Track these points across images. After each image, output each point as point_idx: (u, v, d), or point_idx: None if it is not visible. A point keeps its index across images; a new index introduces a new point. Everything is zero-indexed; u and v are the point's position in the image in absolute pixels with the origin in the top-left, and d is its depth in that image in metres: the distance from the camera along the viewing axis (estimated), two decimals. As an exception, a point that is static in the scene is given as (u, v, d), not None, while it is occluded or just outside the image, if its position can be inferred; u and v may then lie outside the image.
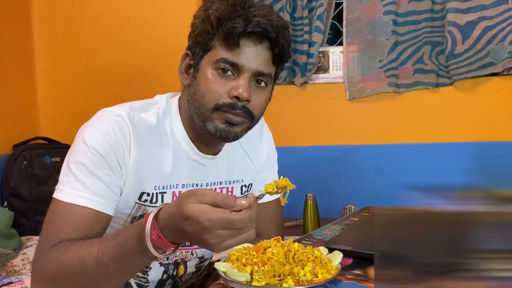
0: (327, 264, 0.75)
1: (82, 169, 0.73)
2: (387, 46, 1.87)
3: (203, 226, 0.58)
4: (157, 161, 0.80)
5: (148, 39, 2.05)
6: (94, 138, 0.75)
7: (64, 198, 0.73)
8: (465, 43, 1.77)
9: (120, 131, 0.76)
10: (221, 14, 0.75)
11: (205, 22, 0.77)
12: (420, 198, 0.77)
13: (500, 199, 0.73)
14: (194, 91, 0.79)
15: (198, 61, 0.79)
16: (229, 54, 0.76)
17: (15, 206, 1.81)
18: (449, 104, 1.87)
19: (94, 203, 0.73)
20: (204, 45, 0.78)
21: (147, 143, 0.79)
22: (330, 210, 1.86)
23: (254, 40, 0.76)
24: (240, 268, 0.73)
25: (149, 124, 0.81)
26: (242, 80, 0.76)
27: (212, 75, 0.77)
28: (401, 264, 0.67)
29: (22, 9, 2.09)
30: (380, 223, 0.78)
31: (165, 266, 0.88)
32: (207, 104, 0.77)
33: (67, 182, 0.74)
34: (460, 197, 0.76)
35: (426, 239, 0.71)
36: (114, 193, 0.76)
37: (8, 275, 1.36)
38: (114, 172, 0.75)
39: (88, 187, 0.73)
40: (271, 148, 1.02)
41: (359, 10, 1.90)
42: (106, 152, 0.74)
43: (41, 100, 2.16)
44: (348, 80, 1.92)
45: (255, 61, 0.77)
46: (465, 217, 0.71)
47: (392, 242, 0.72)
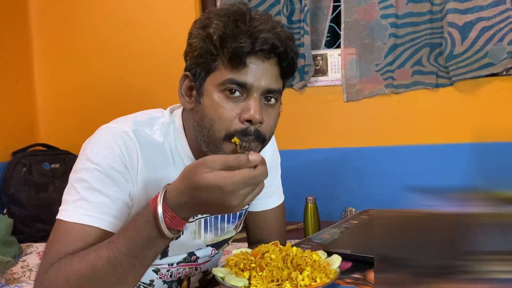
0: (325, 268, 0.74)
1: (86, 186, 0.70)
2: (384, 50, 1.87)
3: (226, 190, 0.57)
4: (164, 182, 0.74)
5: (146, 45, 2.05)
6: (99, 155, 0.71)
7: (67, 217, 0.69)
8: (464, 43, 1.76)
9: (126, 148, 0.73)
10: (224, 33, 0.69)
11: (206, 41, 0.71)
12: (420, 200, 0.77)
13: (500, 200, 0.73)
14: (201, 118, 0.73)
15: (201, 83, 0.74)
16: (236, 74, 0.70)
17: (15, 213, 1.82)
18: (448, 105, 1.87)
19: (99, 221, 0.70)
20: (207, 66, 0.72)
21: (154, 162, 0.76)
22: (331, 213, 1.85)
23: (262, 57, 0.71)
24: (238, 273, 0.73)
25: (154, 141, 0.77)
26: (252, 101, 0.71)
27: (219, 98, 0.71)
28: (401, 267, 0.67)
29: (21, 16, 2.10)
30: (380, 226, 0.77)
31: (168, 283, 0.87)
32: (217, 133, 0.72)
33: (71, 201, 0.70)
34: (460, 198, 0.75)
35: (425, 241, 0.70)
36: (119, 210, 0.72)
37: (8, 283, 1.36)
38: (121, 189, 0.72)
39: (93, 205, 0.69)
40: (275, 153, 1.00)
41: (356, 13, 1.90)
42: (112, 169, 0.71)
43: (40, 106, 2.17)
44: (345, 82, 1.92)
45: (264, 79, 0.72)
46: (465, 218, 0.70)
47: (391, 244, 0.71)
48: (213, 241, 0.90)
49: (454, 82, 1.81)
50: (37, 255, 1.65)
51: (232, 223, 0.92)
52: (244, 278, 0.71)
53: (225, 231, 0.92)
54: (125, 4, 2.07)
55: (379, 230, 0.76)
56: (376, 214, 0.97)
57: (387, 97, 1.91)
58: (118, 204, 0.72)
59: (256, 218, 0.99)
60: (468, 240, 0.67)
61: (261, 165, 0.59)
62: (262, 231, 0.99)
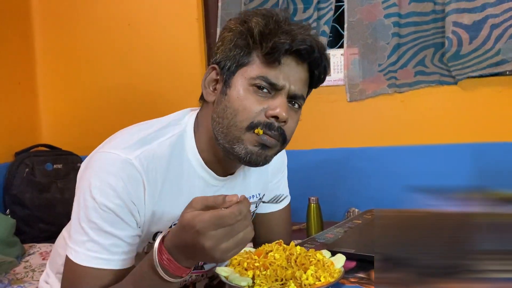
0: (329, 267, 0.74)
1: (95, 228, 0.69)
2: (387, 50, 1.86)
3: (196, 229, 0.56)
4: (173, 195, 0.75)
5: (148, 45, 2.05)
6: (103, 194, 0.69)
7: (80, 261, 0.69)
8: (474, 42, 1.74)
9: (130, 181, 0.69)
10: (265, 29, 0.71)
11: (244, 35, 0.72)
12: (423, 200, 0.77)
13: (503, 200, 0.72)
14: (224, 108, 0.73)
15: (230, 76, 0.74)
16: (269, 72, 0.71)
17: (18, 214, 1.81)
18: (452, 105, 1.86)
19: (111, 263, 0.70)
20: (239, 60, 0.73)
21: (162, 184, 0.73)
22: (334, 214, 1.85)
23: (297, 59, 0.72)
24: (242, 272, 0.73)
25: (162, 157, 0.74)
26: (279, 99, 0.72)
27: (247, 92, 0.72)
28: (404, 266, 0.67)
29: (23, 17, 2.11)
30: (382, 226, 0.77)
31: None
32: (240, 123, 0.71)
33: (81, 242, 0.69)
34: (463, 198, 0.75)
35: (429, 241, 0.70)
36: (131, 244, 0.72)
37: (11, 283, 1.36)
38: (130, 225, 0.71)
39: (103, 247, 0.69)
40: (280, 155, 0.98)
41: (360, 12, 1.89)
42: (118, 208, 0.69)
43: (42, 107, 2.17)
44: (348, 82, 1.92)
45: (294, 82, 0.73)
46: (469, 218, 0.70)
47: (394, 244, 0.71)
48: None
49: (458, 80, 1.80)
50: (40, 255, 1.65)
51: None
52: (248, 277, 0.71)
53: None
54: (128, 5, 2.07)
55: (381, 229, 0.76)
56: (378, 213, 0.96)
57: (390, 97, 1.90)
58: (128, 239, 0.71)
59: (263, 219, 0.98)
60: (472, 240, 0.67)
61: (236, 205, 0.57)
62: (269, 232, 0.98)
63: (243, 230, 0.58)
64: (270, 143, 0.72)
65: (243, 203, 0.57)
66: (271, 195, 0.97)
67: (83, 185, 0.71)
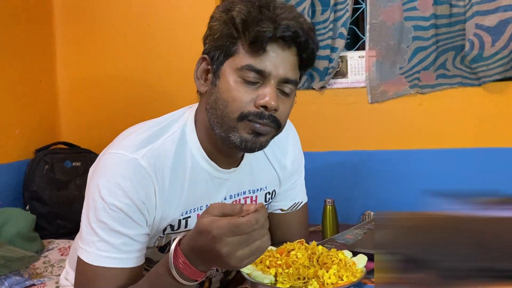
0: (352, 267, 0.74)
1: (105, 227, 0.69)
2: (408, 53, 1.85)
3: (213, 234, 0.56)
4: (179, 190, 0.76)
5: (167, 46, 2.08)
6: (112, 194, 0.69)
7: (92, 260, 0.70)
8: (496, 44, 1.73)
9: (139, 182, 0.70)
10: (247, 17, 0.69)
11: (228, 24, 0.71)
12: (442, 203, 0.76)
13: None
14: (215, 100, 0.73)
15: (218, 67, 0.74)
16: (255, 61, 0.70)
17: (37, 210, 1.85)
18: (474, 108, 1.83)
19: (123, 261, 0.70)
20: (226, 50, 0.72)
21: (169, 180, 0.74)
22: (349, 216, 1.84)
23: (282, 45, 0.71)
24: (264, 270, 0.73)
25: (167, 154, 0.75)
26: (268, 88, 0.71)
27: (236, 83, 0.71)
28: (426, 268, 0.66)
29: (45, 17, 2.15)
30: (400, 227, 0.76)
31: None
32: (231, 114, 0.72)
33: (92, 242, 0.70)
34: (486, 203, 0.74)
35: (451, 243, 0.69)
36: (142, 242, 0.73)
37: (31, 277, 1.38)
38: (139, 224, 0.71)
39: (114, 246, 0.69)
40: (298, 154, 0.99)
41: (382, 14, 1.88)
42: (127, 207, 0.69)
43: (62, 106, 2.21)
44: (370, 84, 1.90)
45: (282, 68, 0.71)
46: (493, 222, 0.69)
47: (415, 245, 0.70)
48: None
49: (483, 83, 1.78)
50: (59, 251, 1.67)
51: None
52: (270, 275, 0.71)
53: None
54: (147, 6, 2.09)
55: (399, 231, 0.76)
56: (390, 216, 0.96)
57: (409, 100, 1.89)
58: (138, 238, 0.72)
59: (279, 219, 0.98)
60: (496, 244, 0.66)
61: (253, 214, 0.57)
62: (285, 232, 0.98)
63: (260, 239, 0.58)
64: (263, 130, 0.72)
65: (260, 212, 0.57)
66: (287, 195, 0.97)
67: (92, 187, 0.71)
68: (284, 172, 0.94)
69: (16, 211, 1.66)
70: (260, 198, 0.90)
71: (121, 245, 0.69)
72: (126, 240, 0.70)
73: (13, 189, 1.89)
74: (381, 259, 0.68)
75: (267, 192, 0.92)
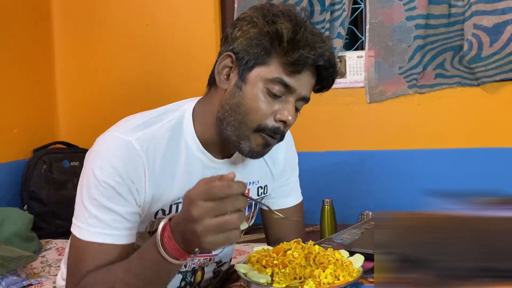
0: (348, 267, 0.74)
1: (96, 204, 0.72)
2: (408, 53, 1.85)
3: (189, 198, 0.59)
4: (172, 176, 0.78)
5: (166, 46, 2.08)
6: (104, 171, 0.72)
7: (83, 236, 0.72)
8: (494, 45, 1.72)
9: (130, 160, 0.73)
10: (293, 37, 0.72)
11: (271, 37, 0.73)
12: (440, 203, 0.76)
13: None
14: (238, 104, 0.75)
15: (246, 71, 0.75)
16: (288, 79, 0.74)
17: (35, 210, 1.85)
18: (472, 108, 1.84)
19: (114, 237, 0.72)
20: (258, 58, 0.74)
21: (161, 164, 0.76)
22: (347, 216, 1.84)
23: (313, 71, 0.76)
24: (260, 270, 0.73)
25: (161, 139, 0.77)
26: (290, 104, 0.76)
27: (262, 92, 0.74)
28: (423, 268, 0.66)
29: (43, 18, 2.15)
30: (397, 227, 0.76)
31: (182, 273, 0.87)
32: (250, 123, 0.75)
33: (84, 218, 0.73)
34: (484, 202, 0.74)
35: (448, 243, 0.69)
36: (132, 221, 0.75)
37: (28, 277, 1.38)
38: (129, 202, 0.74)
39: (105, 222, 0.72)
40: (291, 153, 1.00)
41: (381, 14, 1.87)
42: (117, 185, 0.72)
43: (60, 105, 2.21)
44: (368, 84, 1.90)
45: (306, 89, 0.77)
46: (488, 222, 0.69)
47: (412, 245, 0.70)
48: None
49: (482, 83, 1.78)
50: (56, 251, 1.67)
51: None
52: (267, 274, 0.71)
53: None
54: (146, 6, 2.09)
55: (397, 231, 0.76)
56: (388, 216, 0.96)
57: (408, 100, 1.89)
58: (127, 216, 0.74)
59: (269, 216, 1.00)
60: (493, 243, 0.66)
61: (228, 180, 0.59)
62: (280, 230, 0.98)
63: (231, 209, 0.58)
64: (271, 142, 0.77)
65: (237, 182, 0.59)
66: (280, 192, 0.98)
67: (87, 166, 0.74)
68: (276, 167, 0.96)
69: (13, 211, 1.66)
70: (252, 192, 0.92)
71: (111, 221, 0.72)
72: (116, 217, 0.72)
73: (11, 189, 1.89)
74: (380, 259, 0.68)
75: (259, 186, 0.93)
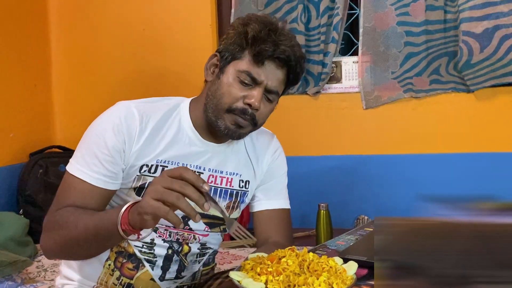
0: (342, 274, 0.74)
1: (87, 147, 0.87)
2: (400, 58, 1.87)
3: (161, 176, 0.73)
4: (160, 140, 0.91)
5: (163, 50, 2.08)
6: (101, 124, 0.88)
7: (70, 170, 0.87)
8: (485, 51, 1.74)
9: (125, 118, 0.88)
10: (257, 35, 0.87)
11: (241, 36, 0.89)
12: (435, 209, 0.77)
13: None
14: (216, 89, 0.91)
15: (225, 65, 0.91)
16: (253, 70, 0.88)
17: (31, 214, 1.84)
18: (466, 114, 1.86)
19: (91, 178, 0.86)
20: (234, 54, 0.90)
21: (152, 127, 0.90)
22: (343, 221, 1.85)
23: (277, 64, 0.89)
24: (255, 277, 0.73)
25: (158, 112, 0.92)
26: (257, 91, 0.89)
27: (234, 81, 0.89)
28: (416, 275, 0.67)
29: (40, 22, 2.15)
30: (391, 233, 0.77)
31: (168, 242, 0.94)
32: (223, 105, 0.89)
33: (76, 157, 0.88)
34: (477, 208, 0.75)
35: (441, 250, 0.70)
36: (110, 171, 0.87)
37: (23, 282, 1.38)
38: (112, 154, 0.86)
39: (88, 164, 0.86)
40: (277, 161, 1.06)
41: (374, 19, 1.89)
42: (107, 135, 0.86)
43: (57, 109, 2.21)
44: (363, 89, 1.92)
45: (272, 80, 0.90)
46: (485, 228, 0.70)
47: (406, 252, 0.71)
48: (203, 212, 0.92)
49: (473, 90, 1.80)
50: (52, 255, 1.67)
51: (223, 199, 0.98)
52: (261, 282, 0.72)
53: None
54: (143, 10, 2.10)
55: (392, 237, 0.76)
56: (387, 222, 0.96)
57: (403, 105, 1.90)
58: (107, 165, 0.86)
59: (259, 217, 1.05)
60: (486, 250, 0.67)
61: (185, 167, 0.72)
62: (266, 229, 1.03)
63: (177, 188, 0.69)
64: (242, 123, 0.90)
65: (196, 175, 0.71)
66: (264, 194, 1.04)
67: (93, 122, 0.90)
68: (259, 168, 1.03)
69: (9, 215, 1.66)
70: (234, 182, 1.00)
71: (93, 165, 0.86)
72: (96, 162, 0.86)
73: (7, 193, 1.88)
74: (376, 266, 0.69)
75: (241, 179, 1.01)
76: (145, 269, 0.93)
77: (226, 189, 0.98)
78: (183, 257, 0.96)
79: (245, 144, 1.03)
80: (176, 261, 0.95)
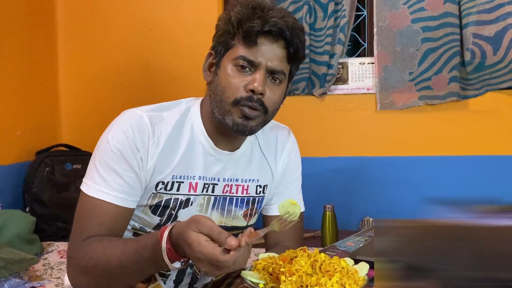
0: (354, 275, 0.75)
1: (104, 165, 0.81)
2: (418, 57, 1.83)
3: (196, 255, 0.66)
4: (174, 153, 0.86)
5: (169, 49, 2.08)
6: (115, 136, 0.82)
7: (88, 192, 0.81)
8: (498, 53, 1.73)
9: (139, 130, 0.82)
10: (242, 16, 0.82)
11: (227, 23, 0.84)
12: (442, 211, 0.77)
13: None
14: (216, 86, 0.85)
15: (220, 59, 0.86)
16: (248, 52, 0.82)
17: (37, 212, 1.85)
18: (479, 116, 1.84)
19: (114, 198, 0.81)
20: (226, 44, 0.85)
21: (166, 139, 0.85)
22: (348, 222, 1.85)
23: (271, 39, 0.82)
24: (267, 278, 0.74)
25: (169, 122, 0.87)
26: (257, 75, 0.82)
27: (232, 71, 0.83)
28: (427, 277, 0.67)
29: (47, 19, 2.15)
30: (400, 235, 0.77)
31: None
32: (227, 98, 0.83)
33: (92, 177, 0.82)
34: (485, 211, 0.75)
35: (452, 252, 0.70)
36: (133, 187, 0.82)
37: (30, 280, 1.38)
38: (132, 168, 0.82)
39: (108, 183, 0.80)
40: (293, 161, 1.02)
41: (388, 18, 1.87)
42: (124, 150, 0.81)
43: (63, 108, 2.22)
44: (379, 91, 1.90)
45: (271, 59, 0.83)
46: (491, 231, 0.70)
47: (416, 254, 0.71)
48: (220, 222, 0.93)
49: (486, 91, 1.78)
50: (58, 253, 1.68)
51: (239, 208, 0.95)
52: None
53: (232, 214, 0.94)
54: (150, 10, 2.10)
55: (401, 239, 0.76)
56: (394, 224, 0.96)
57: (411, 107, 1.89)
58: (128, 180, 0.82)
59: (270, 221, 1.00)
60: (497, 253, 0.67)
61: (234, 253, 0.65)
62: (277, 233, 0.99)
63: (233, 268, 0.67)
64: (251, 115, 0.83)
65: (240, 251, 0.65)
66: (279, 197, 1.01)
67: (103, 134, 0.84)
68: (277, 167, 1.00)
69: (16, 213, 1.66)
70: (251, 189, 0.96)
71: (114, 183, 0.81)
72: (118, 179, 0.81)
73: (14, 191, 1.89)
74: (381, 267, 0.69)
75: (258, 185, 0.97)
76: (157, 283, 0.91)
77: (243, 198, 0.95)
78: (196, 269, 0.94)
79: (259, 145, 0.98)
80: (189, 274, 0.94)
